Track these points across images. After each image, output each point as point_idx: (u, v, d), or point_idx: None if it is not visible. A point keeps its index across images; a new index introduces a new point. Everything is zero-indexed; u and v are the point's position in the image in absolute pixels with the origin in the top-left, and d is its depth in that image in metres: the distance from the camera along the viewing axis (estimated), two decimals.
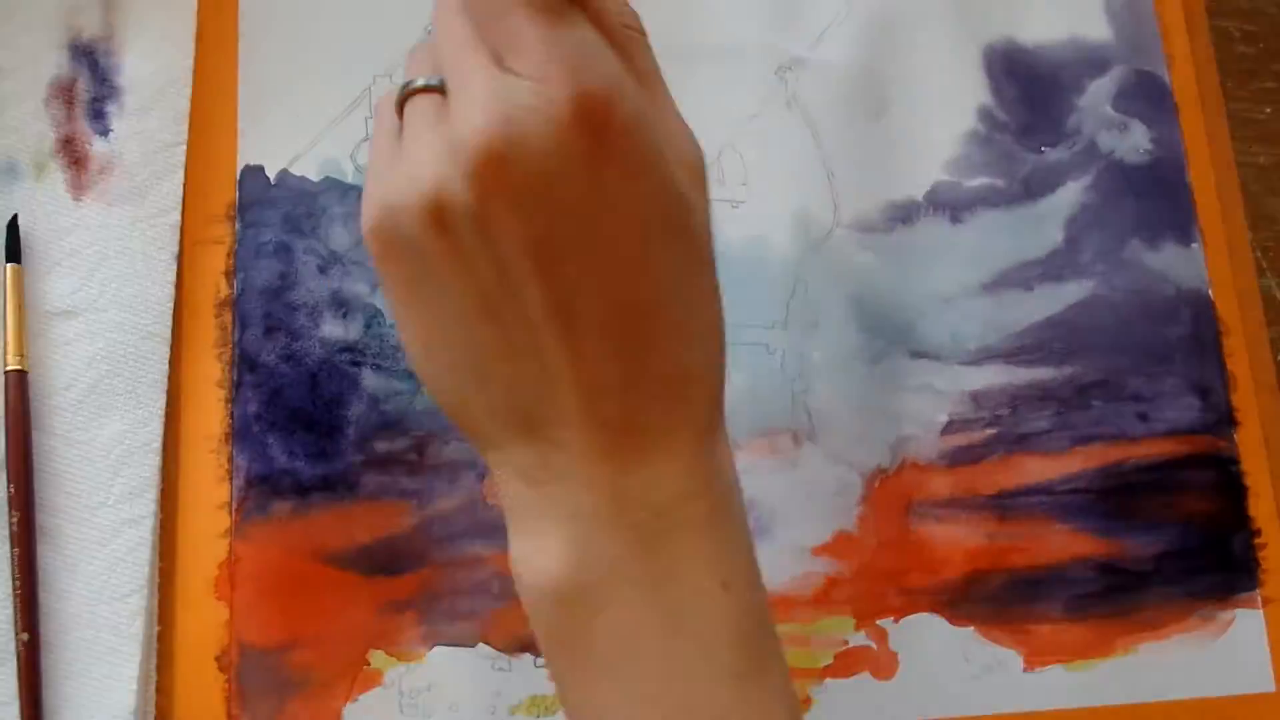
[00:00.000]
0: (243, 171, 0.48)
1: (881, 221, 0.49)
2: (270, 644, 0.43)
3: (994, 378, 0.48)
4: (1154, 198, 0.50)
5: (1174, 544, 0.47)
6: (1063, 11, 0.52)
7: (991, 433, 0.48)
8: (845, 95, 0.50)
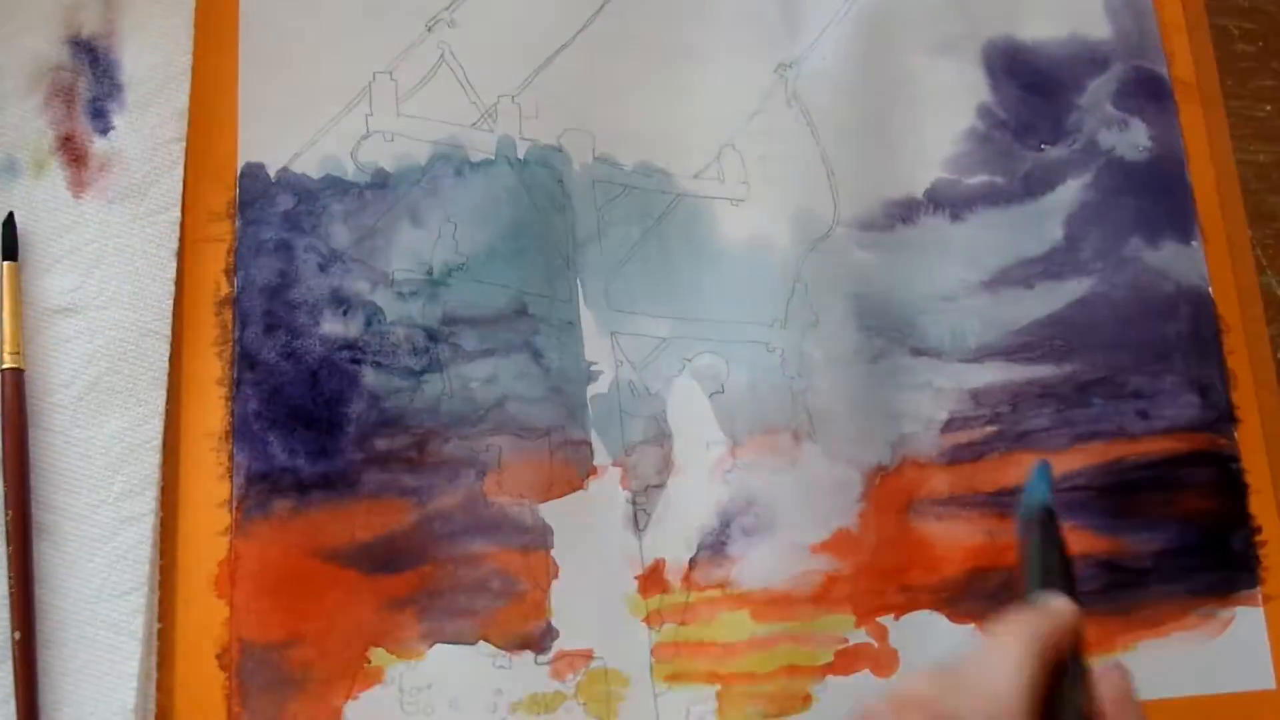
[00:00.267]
0: (243, 169, 0.48)
1: (881, 219, 0.49)
2: (271, 641, 0.43)
3: (994, 375, 0.48)
4: (1154, 195, 0.50)
5: (1174, 541, 0.47)
6: (1063, 9, 0.52)
7: (992, 430, 0.48)
8: (845, 93, 0.50)
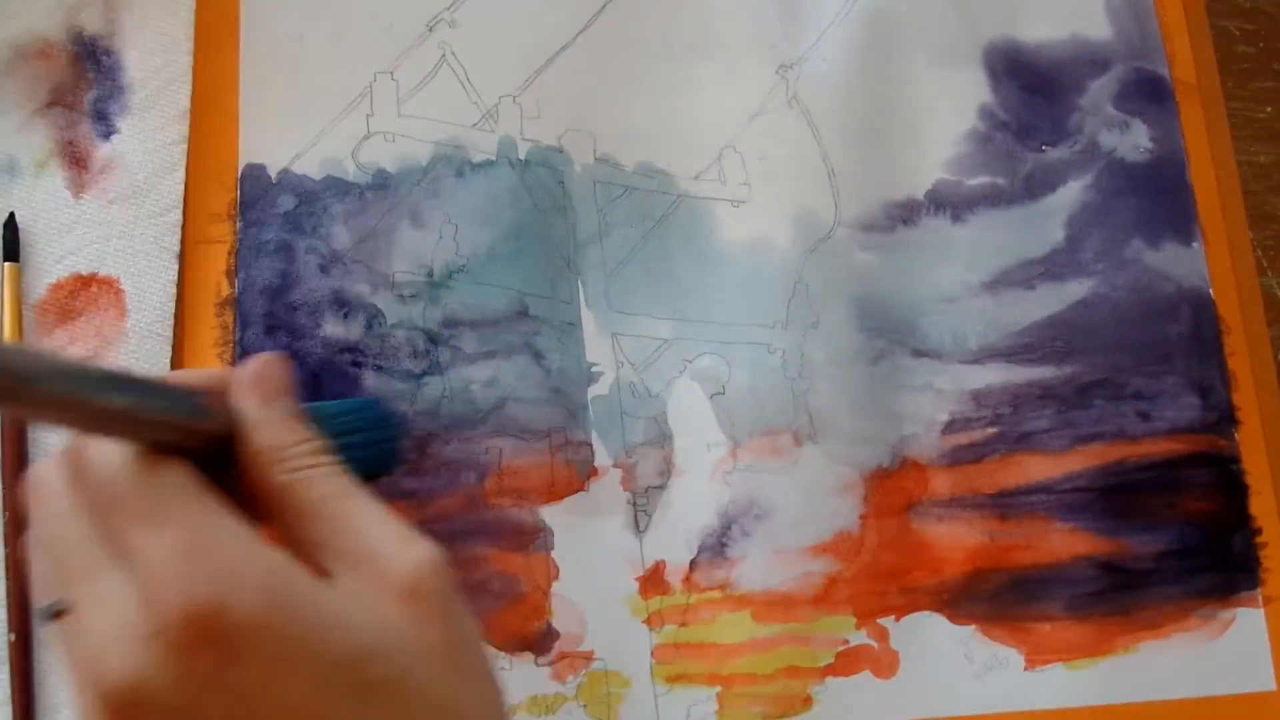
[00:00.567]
0: (244, 170, 0.48)
1: (883, 220, 0.49)
2: None
3: (995, 377, 0.48)
4: (1155, 196, 0.50)
5: (1175, 543, 0.47)
6: (1063, 10, 0.52)
7: (992, 432, 0.48)
8: (846, 94, 0.50)
